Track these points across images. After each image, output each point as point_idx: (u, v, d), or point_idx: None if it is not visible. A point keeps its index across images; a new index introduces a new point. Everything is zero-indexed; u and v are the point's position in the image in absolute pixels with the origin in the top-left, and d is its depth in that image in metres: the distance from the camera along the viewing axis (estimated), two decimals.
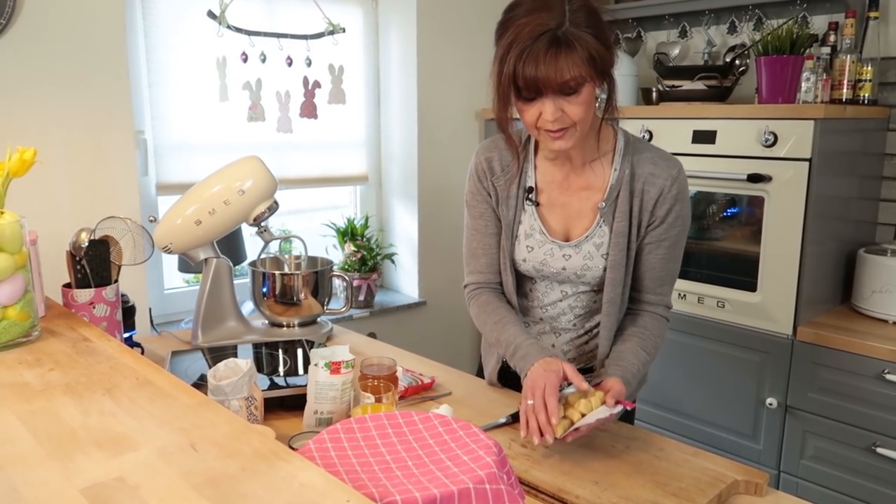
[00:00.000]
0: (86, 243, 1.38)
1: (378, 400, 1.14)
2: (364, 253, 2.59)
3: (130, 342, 1.53)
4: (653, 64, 2.63)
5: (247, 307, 2.01)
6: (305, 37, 2.39)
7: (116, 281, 1.42)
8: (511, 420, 1.27)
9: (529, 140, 1.35)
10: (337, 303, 2.39)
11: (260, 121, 2.32)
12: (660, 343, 1.33)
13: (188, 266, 2.19)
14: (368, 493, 0.75)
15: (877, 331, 1.97)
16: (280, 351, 1.53)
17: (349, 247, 2.61)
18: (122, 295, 1.49)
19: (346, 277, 1.88)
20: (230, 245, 2.13)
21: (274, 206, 1.67)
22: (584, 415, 1.12)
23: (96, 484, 0.68)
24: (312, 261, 1.85)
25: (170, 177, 2.22)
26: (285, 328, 1.75)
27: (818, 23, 2.32)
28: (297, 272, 1.76)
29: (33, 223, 1.16)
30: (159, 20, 2.14)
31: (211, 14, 2.18)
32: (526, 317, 1.40)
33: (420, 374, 1.47)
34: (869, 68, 2.12)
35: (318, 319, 1.81)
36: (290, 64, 2.37)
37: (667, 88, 2.36)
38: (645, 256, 1.31)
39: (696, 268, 2.22)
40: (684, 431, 2.29)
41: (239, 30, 2.24)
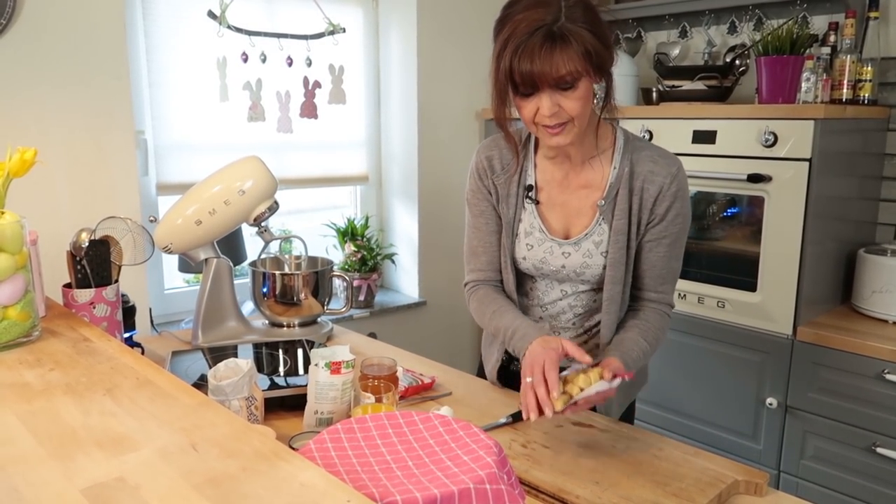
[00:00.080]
0: (86, 243, 1.38)
1: (378, 400, 1.14)
2: (364, 253, 2.60)
3: (131, 342, 1.53)
4: (653, 64, 2.63)
5: (247, 307, 2.01)
6: (306, 37, 2.39)
7: (117, 281, 1.42)
8: (511, 420, 1.27)
9: (529, 138, 1.35)
10: (337, 303, 2.39)
11: (260, 121, 2.32)
12: (661, 336, 1.32)
13: (188, 266, 2.20)
14: (369, 494, 0.75)
15: (877, 331, 1.97)
16: (280, 351, 1.53)
17: (349, 247, 2.61)
18: (123, 295, 1.49)
19: (347, 277, 1.88)
20: (230, 245, 2.13)
21: (274, 206, 1.67)
22: (584, 389, 1.12)
23: (97, 484, 0.68)
24: (313, 261, 1.85)
25: (170, 177, 2.22)
26: (285, 328, 1.75)
27: (818, 23, 2.32)
28: (298, 272, 1.76)
29: (34, 223, 1.16)
30: (160, 20, 2.14)
31: (211, 14, 2.18)
32: (526, 316, 1.40)
33: (420, 374, 1.47)
34: (869, 68, 2.12)
35: (319, 319, 1.81)
36: (291, 64, 2.37)
37: (667, 88, 2.36)
38: (645, 254, 1.31)
39: (697, 268, 2.22)
40: (684, 431, 2.29)
41: (239, 30, 2.24)
